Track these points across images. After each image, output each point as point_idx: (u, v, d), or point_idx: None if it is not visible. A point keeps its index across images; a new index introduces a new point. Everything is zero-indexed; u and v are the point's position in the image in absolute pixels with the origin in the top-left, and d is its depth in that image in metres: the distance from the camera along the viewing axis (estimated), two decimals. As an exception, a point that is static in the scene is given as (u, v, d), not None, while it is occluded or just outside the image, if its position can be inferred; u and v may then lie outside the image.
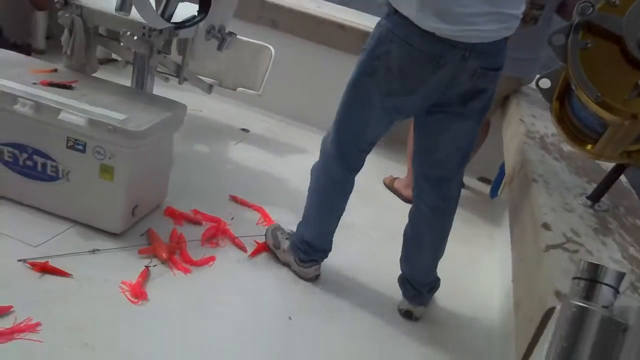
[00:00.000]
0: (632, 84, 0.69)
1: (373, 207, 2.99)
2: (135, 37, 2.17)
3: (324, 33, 3.58)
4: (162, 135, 2.21)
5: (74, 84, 2.16)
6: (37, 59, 2.50)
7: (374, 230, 2.74)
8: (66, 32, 2.29)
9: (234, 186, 2.75)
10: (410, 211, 2.15)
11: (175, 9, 2.34)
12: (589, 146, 0.80)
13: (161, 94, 2.43)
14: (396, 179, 3.21)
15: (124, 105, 2.11)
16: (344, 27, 3.54)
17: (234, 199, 2.65)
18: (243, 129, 3.49)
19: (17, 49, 2.73)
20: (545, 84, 0.83)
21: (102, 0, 2.31)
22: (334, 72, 2.20)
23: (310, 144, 2.76)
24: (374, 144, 2.00)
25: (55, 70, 2.26)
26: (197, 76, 2.82)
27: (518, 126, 2.40)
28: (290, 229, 2.32)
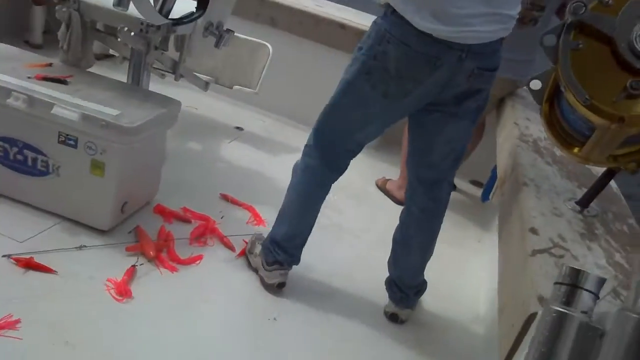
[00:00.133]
0: (621, 86, 0.68)
1: (365, 208, 2.99)
2: (132, 33, 2.17)
3: (323, 32, 3.56)
4: (156, 132, 2.19)
5: (68, 79, 2.15)
6: (33, 53, 2.49)
7: (365, 232, 2.73)
8: (63, 26, 2.27)
9: (225, 185, 2.73)
10: (401, 213, 2.14)
11: (173, 5, 2.34)
12: (576, 149, 0.79)
13: (157, 90, 2.41)
14: (389, 180, 3.20)
15: (118, 101, 2.10)
16: (343, 27, 3.52)
17: (224, 197, 2.64)
18: (237, 127, 3.48)
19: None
20: (536, 86, 0.82)
21: (100, -5, 2.31)
22: (332, 72, 2.20)
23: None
24: (362, 146, 1.97)
25: (51, 65, 2.25)
26: (193, 73, 2.82)
27: (512, 129, 2.39)
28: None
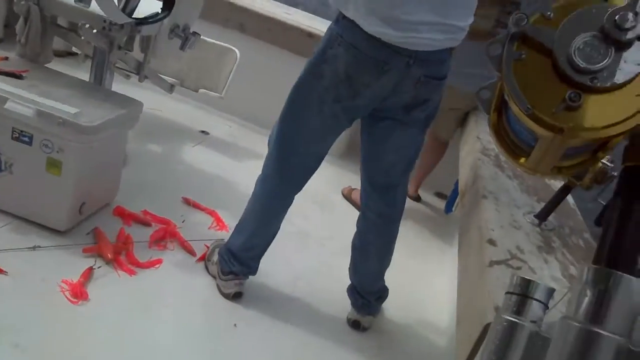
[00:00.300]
0: (561, 97, 0.70)
1: (330, 217, 2.99)
2: (94, 31, 2.12)
3: (291, 40, 3.57)
4: (115, 132, 2.15)
5: (24, 74, 2.09)
6: (-11, 46, 2.42)
7: (329, 240, 2.73)
8: (21, 19, 2.22)
9: (188, 188, 2.70)
10: (357, 219, 2.15)
11: (137, 4, 2.30)
12: (523, 159, 0.80)
13: (122, 91, 2.37)
14: (354, 189, 3.21)
15: (77, 99, 2.05)
16: (311, 35, 3.53)
17: (186, 201, 2.60)
18: (202, 131, 3.44)
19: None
20: (485, 95, 0.83)
21: (62, -11, 2.26)
22: (299, 80, 2.21)
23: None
24: (319, 160, 1.97)
25: (7, 59, 2.19)
26: (158, 75, 2.78)
27: (474, 143, 2.43)
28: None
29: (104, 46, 2.20)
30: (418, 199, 3.55)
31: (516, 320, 0.79)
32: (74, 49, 2.82)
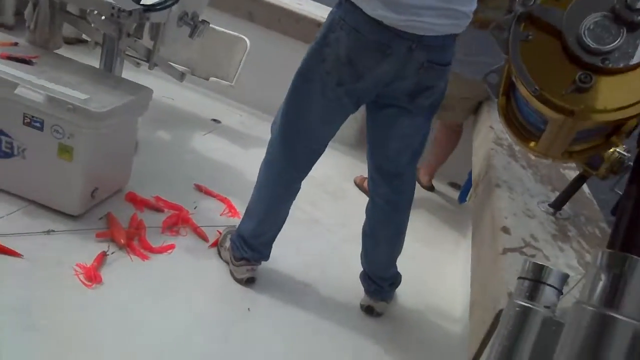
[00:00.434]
0: (570, 78, 0.68)
1: (342, 205, 2.99)
2: (103, 17, 2.12)
3: (302, 30, 3.54)
4: (126, 119, 2.15)
5: (34, 60, 2.09)
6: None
7: (341, 227, 2.73)
8: (30, 5, 2.23)
9: (200, 176, 2.70)
10: (366, 207, 2.14)
11: (145, -10, 2.29)
12: (533, 144, 0.78)
13: (133, 79, 2.36)
14: (366, 178, 3.19)
15: (86, 86, 2.05)
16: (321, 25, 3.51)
17: (198, 188, 2.60)
18: (214, 120, 3.45)
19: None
20: (493, 79, 0.81)
21: (71, -24, 2.26)
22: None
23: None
24: (324, 145, 1.96)
25: (16, 44, 2.19)
26: (168, 63, 2.77)
27: (487, 133, 2.41)
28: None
29: (112, 33, 2.20)
30: (432, 188, 3.52)
31: (529, 306, 0.78)
32: (84, 36, 2.82)
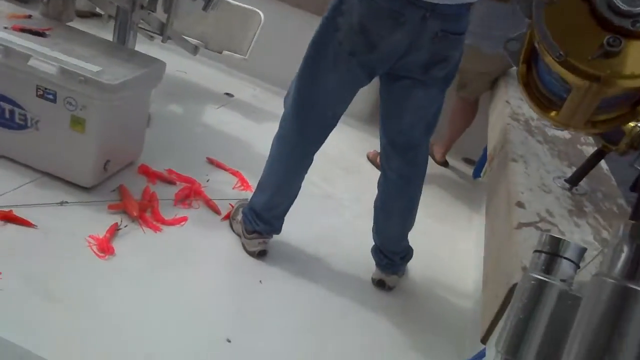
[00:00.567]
0: (598, 43, 0.64)
1: (355, 180, 2.98)
2: (116, -11, 2.10)
3: (315, 3, 3.48)
4: (138, 91, 2.14)
5: (47, 32, 2.08)
6: (12, 4, 2.40)
7: (354, 202, 2.72)
8: (43, -23, 2.20)
9: (212, 149, 2.70)
10: (378, 181, 2.12)
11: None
12: (554, 113, 0.75)
13: (147, 52, 2.34)
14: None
15: (99, 58, 2.04)
16: None
17: (210, 161, 2.60)
18: (227, 94, 3.43)
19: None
20: (513, 47, 0.78)
21: (84, -53, 2.23)
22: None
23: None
24: (337, 117, 1.93)
25: (30, 17, 2.18)
26: (182, 36, 2.75)
27: (504, 108, 2.37)
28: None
29: (126, 5, 2.18)
30: (445, 164, 3.50)
31: (545, 279, 0.76)
32: (97, 9, 2.80)
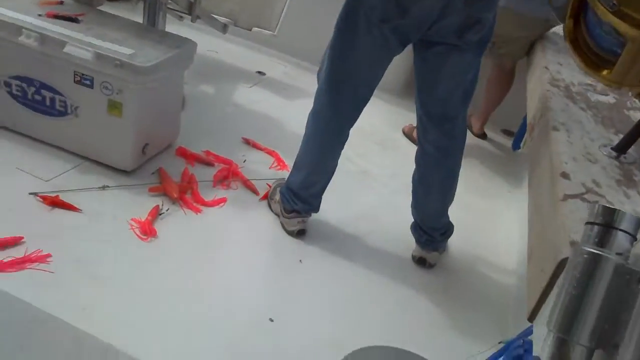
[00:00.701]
0: None
1: (391, 155, 2.94)
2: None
3: None
4: (172, 72, 2.15)
5: (80, 17, 2.10)
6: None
7: (391, 178, 2.69)
8: (74, -38, 2.21)
9: (247, 129, 2.70)
10: (416, 154, 2.08)
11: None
12: (606, 72, 0.71)
13: (176, 33, 2.34)
14: (416, 127, 3.12)
15: (131, 41, 2.05)
16: None
17: (246, 141, 2.61)
18: (259, 72, 3.42)
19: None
20: (559, 1, 0.74)
21: None
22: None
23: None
24: (371, 90, 1.89)
25: (62, 3, 2.20)
26: (210, 15, 2.74)
27: (542, 74, 2.29)
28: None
29: (154, -15, 2.17)
30: (484, 136, 3.42)
31: (599, 253, 0.73)
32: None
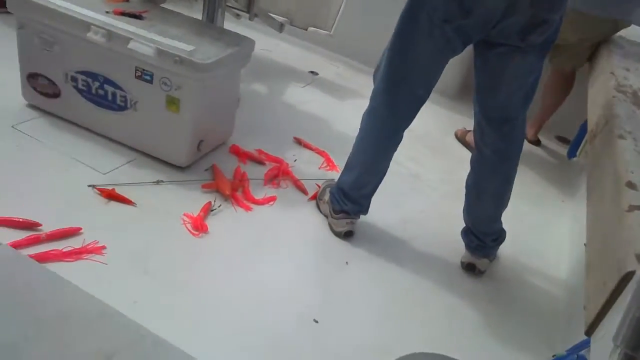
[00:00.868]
0: None
1: (443, 159, 2.90)
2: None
3: None
4: (229, 70, 2.17)
5: (144, 14, 2.16)
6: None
7: (441, 183, 2.65)
8: (139, -38, 2.28)
9: (298, 129, 2.71)
10: (471, 158, 2.04)
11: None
12: None
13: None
14: (469, 131, 3.06)
15: (192, 37, 2.09)
16: None
17: (298, 141, 2.62)
18: (312, 72, 3.43)
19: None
20: None
21: None
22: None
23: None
24: (429, 90, 1.85)
25: (127, 0, 2.26)
26: (268, 13, 2.77)
27: (607, 80, 2.19)
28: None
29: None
30: (538, 143, 3.32)
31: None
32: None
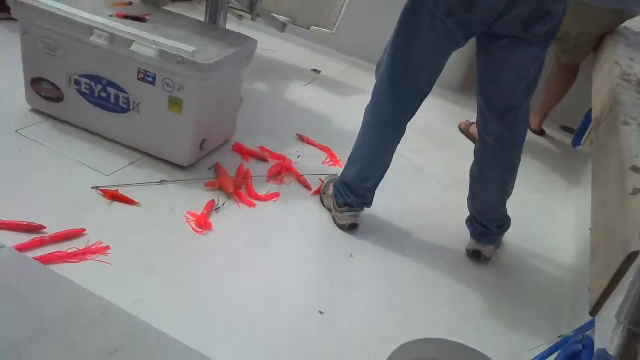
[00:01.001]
0: None
1: (446, 152, 2.90)
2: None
3: None
4: (232, 70, 2.18)
5: (147, 17, 2.17)
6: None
7: (445, 175, 2.66)
8: (141, -35, 2.29)
9: (301, 126, 2.72)
10: (475, 148, 2.04)
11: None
12: None
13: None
14: (472, 124, 3.05)
15: (194, 39, 2.10)
16: None
17: (300, 138, 2.63)
18: (314, 70, 3.44)
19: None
20: None
21: None
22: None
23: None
24: (431, 84, 1.86)
25: (131, 4, 2.28)
26: (270, 14, 2.78)
27: (612, 69, 2.18)
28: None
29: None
30: (542, 133, 3.31)
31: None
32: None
